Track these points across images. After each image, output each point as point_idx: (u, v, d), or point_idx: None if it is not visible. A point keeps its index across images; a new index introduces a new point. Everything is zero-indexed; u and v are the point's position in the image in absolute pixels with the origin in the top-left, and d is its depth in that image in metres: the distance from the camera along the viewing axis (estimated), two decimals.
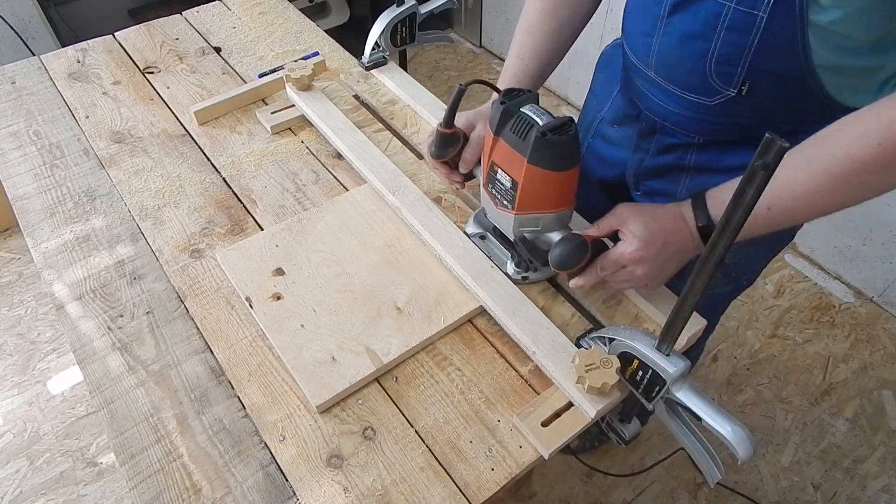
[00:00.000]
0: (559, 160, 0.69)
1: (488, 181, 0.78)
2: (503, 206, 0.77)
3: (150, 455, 0.69)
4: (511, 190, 0.74)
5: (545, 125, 0.68)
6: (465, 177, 0.88)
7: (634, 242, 0.70)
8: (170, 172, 1.01)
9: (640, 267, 0.71)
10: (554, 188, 0.73)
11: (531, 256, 0.81)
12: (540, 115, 0.69)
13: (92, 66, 1.23)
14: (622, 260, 0.71)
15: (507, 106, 0.71)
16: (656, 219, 0.71)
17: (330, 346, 0.77)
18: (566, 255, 0.71)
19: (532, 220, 0.76)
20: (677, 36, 0.72)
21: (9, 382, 1.71)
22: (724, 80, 0.71)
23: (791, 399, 1.69)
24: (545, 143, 0.67)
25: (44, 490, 1.50)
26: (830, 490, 1.53)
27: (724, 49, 0.68)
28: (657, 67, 0.77)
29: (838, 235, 1.90)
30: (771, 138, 0.43)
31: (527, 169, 0.70)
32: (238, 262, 0.86)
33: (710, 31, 0.68)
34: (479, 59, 2.83)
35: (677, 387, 0.63)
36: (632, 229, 0.71)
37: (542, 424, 0.70)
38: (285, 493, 0.67)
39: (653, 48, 0.76)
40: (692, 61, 0.72)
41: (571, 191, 0.75)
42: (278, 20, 1.35)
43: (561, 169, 0.70)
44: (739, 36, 0.66)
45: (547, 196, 0.74)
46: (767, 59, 0.67)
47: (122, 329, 0.81)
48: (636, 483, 1.54)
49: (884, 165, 0.58)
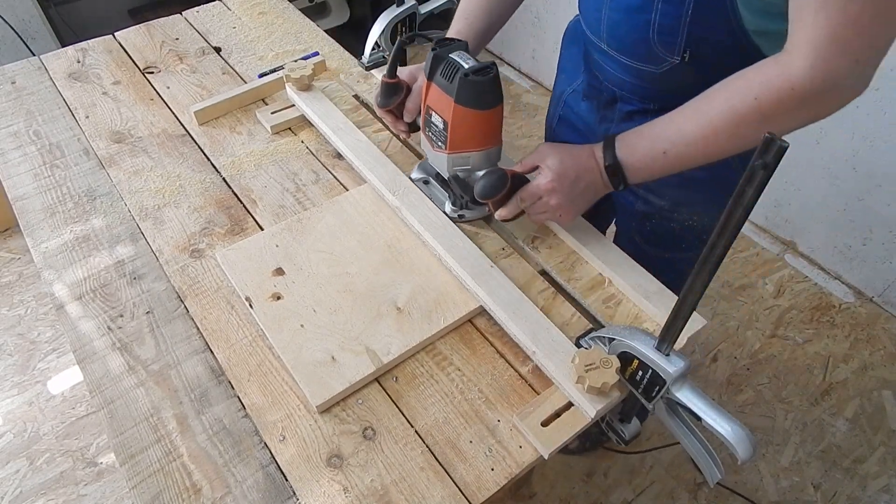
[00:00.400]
0: (483, 99, 0.78)
1: (425, 125, 0.86)
2: (438, 147, 0.85)
3: (150, 455, 0.69)
4: (444, 131, 0.82)
5: (469, 68, 0.76)
6: (410, 126, 0.95)
7: (549, 175, 0.78)
8: (170, 172, 1.01)
9: (554, 197, 0.79)
10: (480, 126, 0.81)
11: (464, 193, 0.87)
12: (466, 60, 0.77)
13: (92, 66, 1.23)
14: (538, 191, 0.79)
15: (438, 52, 0.79)
16: (571, 156, 0.79)
17: (330, 345, 0.77)
18: (488, 187, 0.80)
19: (463, 158, 0.84)
20: (622, 10, 0.78)
21: (9, 382, 1.71)
22: (668, 48, 0.76)
23: (791, 399, 1.69)
24: (469, 84, 0.76)
25: (44, 490, 1.50)
26: (830, 490, 1.53)
27: (663, 20, 0.74)
28: (608, 40, 0.83)
29: (838, 235, 1.90)
30: (771, 138, 0.43)
31: (454, 109, 0.78)
32: (238, 262, 0.86)
33: (649, 4, 0.74)
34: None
35: (677, 387, 0.63)
36: (549, 164, 0.79)
37: (541, 424, 0.70)
38: (285, 493, 0.67)
39: (602, 22, 0.82)
40: (637, 32, 0.77)
41: (497, 129, 0.83)
42: (278, 20, 1.35)
43: (485, 108, 0.79)
44: (674, 7, 0.72)
45: (474, 134, 0.82)
46: (704, 27, 0.72)
47: (122, 329, 0.81)
48: (636, 483, 1.54)
49: (759, 119, 0.65)
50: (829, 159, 1.79)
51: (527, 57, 2.69)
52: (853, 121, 1.68)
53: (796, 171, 1.89)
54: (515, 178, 0.81)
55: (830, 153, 1.78)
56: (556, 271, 0.86)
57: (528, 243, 0.90)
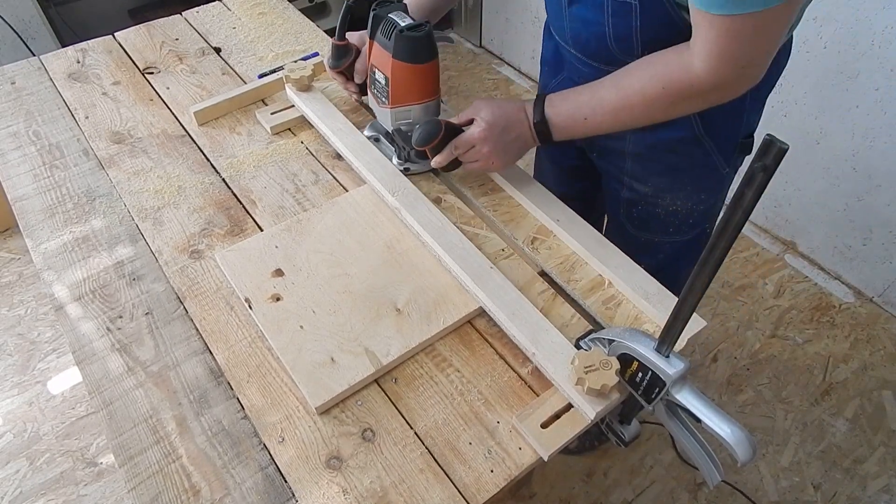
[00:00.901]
0: (417, 54, 0.84)
1: (371, 83, 0.92)
2: (382, 102, 0.91)
3: (150, 456, 0.69)
4: (385, 87, 0.88)
5: (405, 25, 0.82)
6: (360, 88, 1.02)
7: (482, 124, 0.85)
8: (169, 173, 1.01)
9: (486, 145, 0.86)
10: (417, 80, 0.87)
11: (406, 146, 0.93)
12: (403, 19, 0.83)
13: (92, 66, 1.23)
14: (471, 139, 0.86)
15: (377, 12, 0.86)
16: (503, 108, 0.86)
17: (329, 347, 0.76)
18: (423, 134, 0.85)
19: (404, 112, 0.90)
20: (579, 22, 0.84)
21: (9, 382, 1.71)
22: (626, 53, 0.81)
23: (791, 399, 1.69)
24: (405, 39, 0.82)
25: (44, 490, 1.50)
26: (830, 490, 1.53)
27: (617, 31, 0.80)
28: (574, 45, 0.89)
29: (838, 235, 1.89)
30: (770, 139, 0.43)
31: (392, 64, 0.85)
32: (237, 262, 0.86)
33: (601, 18, 0.80)
34: (479, 59, 2.83)
35: (677, 388, 0.63)
36: (482, 115, 0.85)
37: (541, 426, 0.70)
38: (284, 495, 0.67)
39: (566, 30, 0.88)
40: (596, 40, 0.84)
41: (433, 83, 0.89)
42: (278, 20, 1.35)
43: (420, 62, 0.85)
44: (624, 20, 0.78)
45: (412, 88, 0.88)
46: (656, 33, 0.77)
47: (121, 330, 0.81)
48: (636, 483, 1.54)
49: (666, 102, 0.75)
50: (829, 159, 1.79)
51: (526, 57, 2.69)
52: (853, 121, 1.68)
53: (796, 171, 1.89)
54: (450, 128, 0.86)
55: (830, 153, 1.78)
56: (555, 272, 0.86)
57: (528, 244, 0.90)
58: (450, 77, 2.72)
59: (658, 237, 1.05)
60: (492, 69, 2.76)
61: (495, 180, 0.98)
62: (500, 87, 2.67)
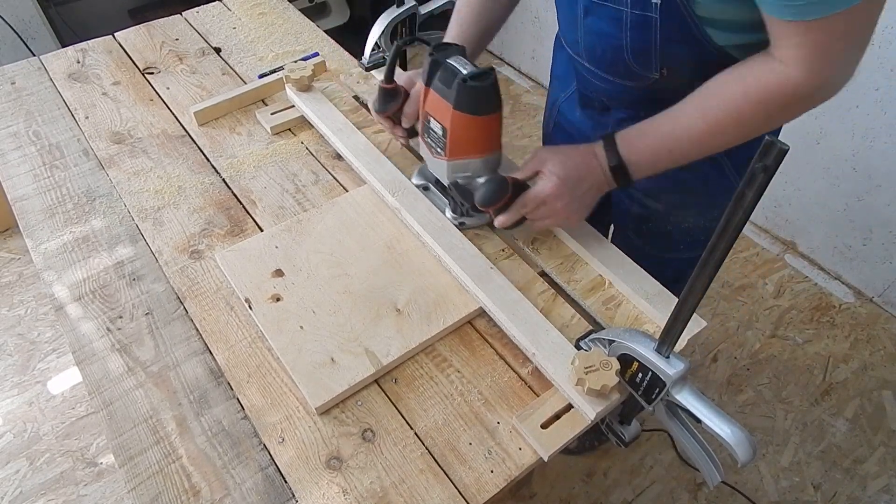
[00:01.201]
0: (481, 105, 0.76)
1: (424, 131, 0.84)
2: (437, 153, 0.83)
3: (149, 457, 0.69)
4: (442, 137, 0.80)
5: (468, 73, 0.74)
6: (409, 132, 0.94)
7: (552, 179, 0.77)
8: (169, 173, 1.01)
9: (560, 201, 0.78)
10: (479, 133, 0.79)
11: (464, 200, 0.85)
12: (464, 65, 0.76)
13: (92, 66, 1.23)
14: (542, 196, 0.78)
15: (436, 57, 0.78)
16: (571, 157, 0.79)
17: (329, 347, 0.76)
18: (488, 194, 0.79)
19: (463, 165, 0.82)
20: (595, 35, 0.80)
21: (9, 382, 1.71)
22: (644, 67, 0.78)
23: (791, 399, 1.69)
24: (468, 90, 0.74)
25: (44, 490, 1.50)
26: (830, 490, 1.53)
27: (635, 44, 0.76)
28: (588, 58, 0.85)
29: (838, 235, 1.89)
30: (771, 141, 0.43)
31: (453, 115, 0.76)
32: (237, 263, 0.86)
33: (619, 32, 0.76)
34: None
35: (677, 389, 0.63)
36: (550, 168, 0.78)
37: (541, 426, 0.70)
38: (284, 495, 0.67)
39: (579, 42, 0.84)
40: (612, 53, 0.79)
41: (496, 136, 0.81)
42: (278, 20, 1.35)
43: (483, 113, 0.77)
44: (643, 33, 0.74)
45: (473, 141, 0.80)
46: (675, 48, 0.74)
47: (121, 330, 0.81)
48: (636, 483, 1.54)
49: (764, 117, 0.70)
50: (829, 159, 1.79)
51: (527, 57, 2.69)
52: (853, 121, 1.68)
53: (796, 171, 1.89)
54: (516, 185, 0.80)
55: (830, 153, 1.78)
56: (555, 273, 0.86)
57: (528, 245, 0.90)
58: None
59: (668, 254, 1.03)
60: None
61: None
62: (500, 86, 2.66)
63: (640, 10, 0.72)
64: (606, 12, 0.75)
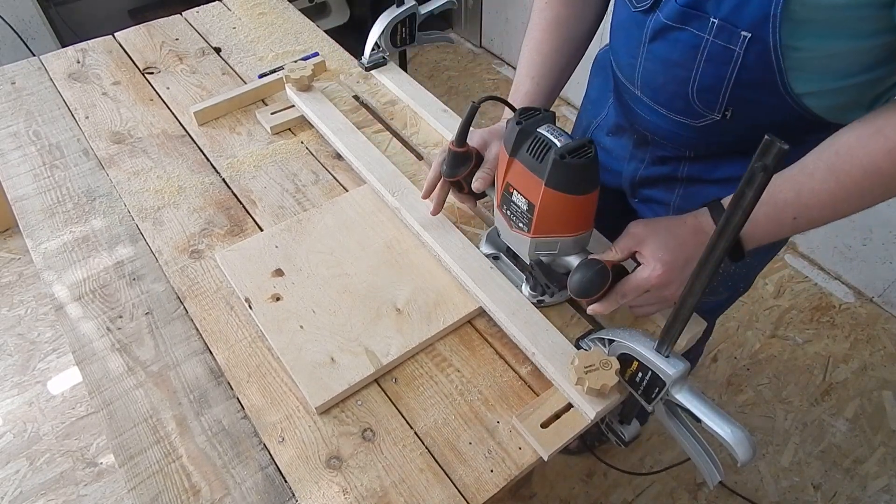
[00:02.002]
0: (578, 184, 0.66)
1: (503, 202, 0.74)
2: (518, 228, 0.73)
3: (150, 456, 0.69)
4: (527, 213, 0.70)
5: (563, 147, 0.64)
6: (478, 196, 0.84)
7: (657, 267, 0.67)
8: (169, 173, 1.01)
9: (668, 289, 0.69)
10: (572, 211, 0.69)
11: (547, 280, 0.77)
12: (558, 137, 0.66)
13: (92, 66, 1.23)
14: (646, 285, 0.68)
15: (524, 126, 0.67)
16: (675, 236, 0.69)
17: (329, 347, 0.76)
18: (586, 283, 0.68)
19: (549, 243, 0.72)
20: (659, 62, 0.72)
21: (9, 382, 1.71)
22: (707, 106, 0.71)
23: (791, 399, 1.69)
24: (564, 167, 0.64)
25: (44, 490, 1.50)
26: (830, 490, 1.53)
27: (705, 79, 0.69)
28: (642, 88, 0.77)
29: (838, 235, 1.89)
30: (770, 140, 0.43)
31: (544, 192, 0.66)
32: (237, 262, 0.86)
33: (690, 62, 0.68)
34: (480, 60, 2.83)
35: (677, 388, 0.63)
36: (652, 252, 0.68)
37: (541, 426, 0.70)
38: (284, 495, 0.67)
39: (637, 70, 0.76)
40: (675, 86, 0.72)
41: (591, 214, 0.71)
42: (278, 20, 1.35)
43: (580, 193, 0.67)
44: (718, 68, 0.67)
45: (565, 219, 0.70)
46: (748, 90, 0.67)
47: (121, 330, 0.81)
48: (636, 483, 1.54)
49: None
50: None
51: None
52: None
53: None
54: (613, 269, 0.70)
55: None
56: None
57: None
58: (450, 77, 2.72)
59: None
60: (492, 69, 2.76)
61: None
62: (500, 87, 2.67)
63: (723, 40, 0.64)
64: (682, 38, 0.68)
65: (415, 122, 1.09)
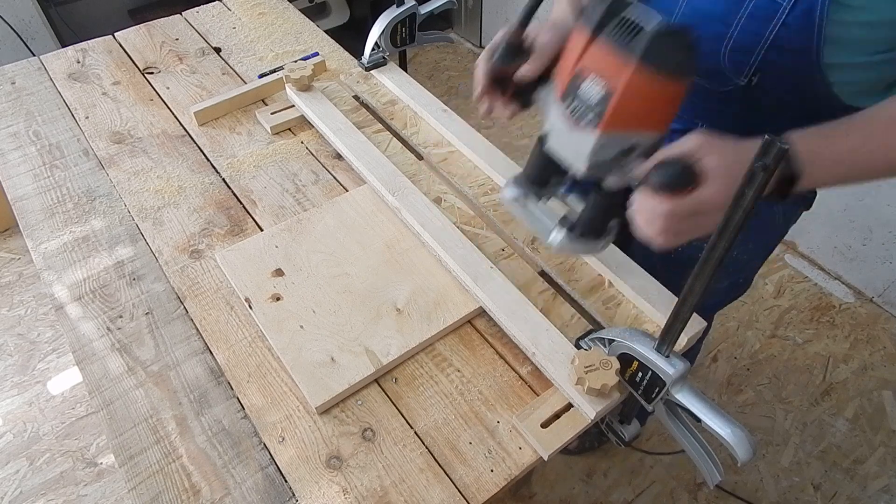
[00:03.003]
0: (679, 63, 0.57)
1: (567, 94, 0.63)
2: (584, 123, 0.61)
3: (150, 456, 0.69)
4: (602, 102, 0.59)
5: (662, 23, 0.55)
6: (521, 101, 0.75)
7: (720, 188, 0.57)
8: (169, 173, 1.01)
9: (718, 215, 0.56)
10: (660, 99, 0.59)
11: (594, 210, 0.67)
12: (652, 15, 0.57)
13: (92, 66, 1.23)
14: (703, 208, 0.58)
15: (612, 5, 0.58)
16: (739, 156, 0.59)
17: (329, 346, 0.76)
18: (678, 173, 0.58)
19: (619, 141, 0.61)
20: (697, 16, 0.71)
21: (9, 382, 1.71)
22: (736, 68, 0.71)
23: (791, 399, 1.69)
24: (669, 38, 0.55)
25: (44, 490, 1.50)
26: (830, 490, 1.53)
27: (741, 36, 0.68)
28: None
29: (838, 235, 1.89)
30: (770, 140, 0.43)
31: (635, 70, 0.56)
32: (237, 262, 0.86)
33: (732, 16, 0.67)
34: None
35: (677, 388, 0.63)
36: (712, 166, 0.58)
37: (541, 426, 0.70)
38: (284, 495, 0.67)
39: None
40: (708, 43, 0.70)
41: (675, 112, 0.61)
42: (278, 20, 1.35)
43: (679, 75, 0.57)
44: (759, 24, 0.66)
45: (648, 109, 0.60)
46: (781, 54, 0.67)
47: (121, 330, 0.81)
48: (636, 483, 1.54)
49: None
50: None
51: None
52: None
53: None
54: None
55: None
56: (555, 272, 0.86)
57: (528, 244, 0.90)
58: (450, 77, 2.72)
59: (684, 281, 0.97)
60: None
61: (497, 181, 0.98)
62: None
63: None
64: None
65: (415, 122, 1.09)
